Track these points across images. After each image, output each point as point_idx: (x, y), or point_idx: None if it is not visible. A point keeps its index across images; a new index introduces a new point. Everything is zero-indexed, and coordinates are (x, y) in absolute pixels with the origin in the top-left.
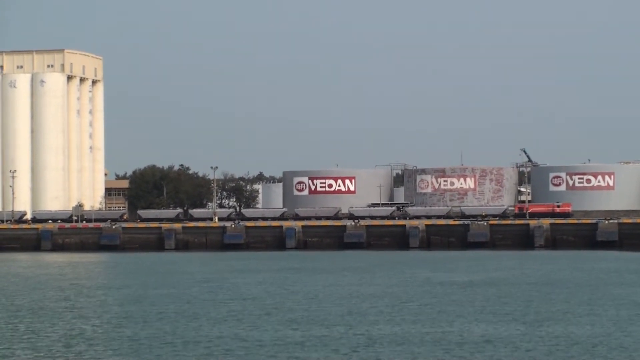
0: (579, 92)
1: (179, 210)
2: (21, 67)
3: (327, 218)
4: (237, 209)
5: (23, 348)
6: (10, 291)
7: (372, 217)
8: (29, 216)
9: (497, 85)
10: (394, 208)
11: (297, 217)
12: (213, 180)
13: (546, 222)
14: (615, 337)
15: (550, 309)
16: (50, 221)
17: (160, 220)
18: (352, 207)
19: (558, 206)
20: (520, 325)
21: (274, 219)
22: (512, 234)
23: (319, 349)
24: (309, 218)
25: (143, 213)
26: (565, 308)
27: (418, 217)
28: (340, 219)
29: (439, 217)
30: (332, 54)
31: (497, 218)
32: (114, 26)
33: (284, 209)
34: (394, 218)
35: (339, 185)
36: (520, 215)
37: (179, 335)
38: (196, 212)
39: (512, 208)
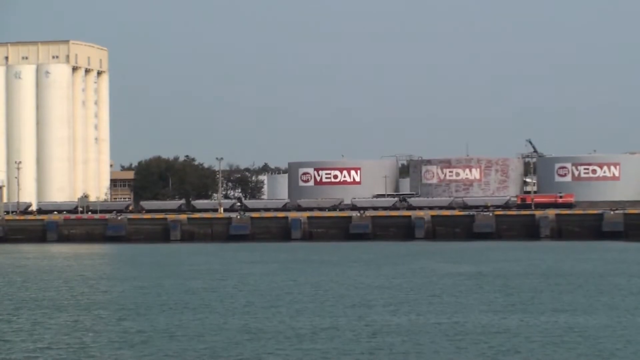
0: (584, 83)
1: (182, 201)
2: (26, 58)
3: (330, 209)
4: (240, 200)
5: (34, 341)
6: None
7: (375, 208)
8: (34, 207)
9: (502, 76)
10: (396, 199)
11: (299, 208)
12: (218, 171)
13: (552, 212)
14: (623, 328)
15: (559, 300)
16: (55, 212)
17: (162, 211)
18: (354, 198)
19: (561, 197)
20: (528, 315)
21: (276, 209)
22: (517, 225)
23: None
24: (311, 209)
25: (145, 204)
26: (573, 299)
27: (420, 208)
28: (342, 209)
29: (440, 207)
30: (337, 44)
31: (499, 209)
32: (119, 17)
33: (287, 200)
34: (396, 209)
35: (345, 176)
36: (523, 205)
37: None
38: (198, 203)
39: (515, 199)
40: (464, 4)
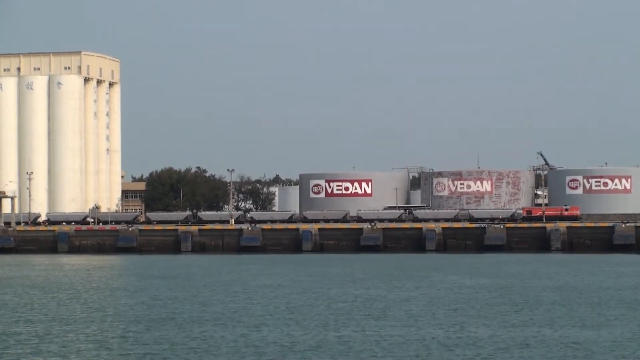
0: (595, 96)
1: (188, 212)
2: (38, 69)
3: (335, 221)
4: (246, 211)
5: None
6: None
7: (381, 220)
8: (42, 218)
9: (514, 89)
10: (401, 211)
11: (305, 220)
12: (230, 182)
13: (563, 225)
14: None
15: (579, 314)
16: (64, 223)
17: (168, 222)
18: (359, 210)
19: (566, 209)
20: (545, 329)
21: (282, 221)
22: (528, 237)
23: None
24: (317, 221)
25: (152, 215)
26: (589, 313)
27: (426, 220)
28: (348, 221)
29: (446, 220)
30: (349, 57)
31: (505, 221)
32: (131, 28)
33: (292, 212)
34: (402, 221)
35: (356, 188)
36: (528, 218)
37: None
38: (205, 214)
39: (520, 211)
40: (475, 17)
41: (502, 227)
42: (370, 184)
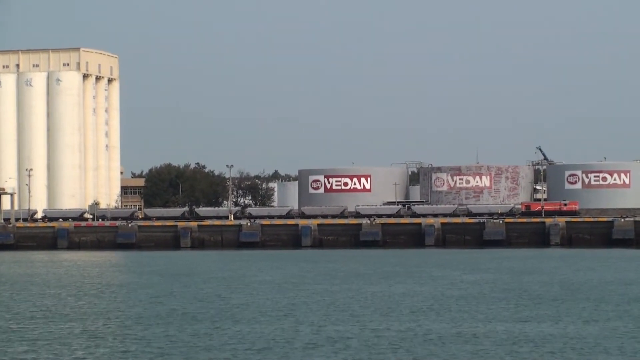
0: (594, 91)
1: (185, 208)
2: (37, 65)
3: (333, 216)
4: (243, 207)
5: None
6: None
7: (379, 215)
8: (39, 215)
9: (512, 84)
10: (399, 206)
11: (303, 216)
12: (229, 178)
13: (562, 220)
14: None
15: (580, 310)
16: (61, 220)
17: (165, 218)
18: (358, 205)
19: (565, 204)
20: (549, 325)
21: (279, 217)
22: (528, 232)
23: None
24: (315, 216)
25: (149, 211)
26: (597, 308)
27: (424, 215)
28: (346, 217)
29: (445, 215)
30: (348, 53)
31: (504, 216)
32: (129, 24)
33: (290, 207)
34: (400, 216)
35: (355, 184)
36: (527, 213)
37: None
38: (202, 210)
39: (519, 206)
40: (474, 13)
41: (501, 222)
42: (369, 179)
